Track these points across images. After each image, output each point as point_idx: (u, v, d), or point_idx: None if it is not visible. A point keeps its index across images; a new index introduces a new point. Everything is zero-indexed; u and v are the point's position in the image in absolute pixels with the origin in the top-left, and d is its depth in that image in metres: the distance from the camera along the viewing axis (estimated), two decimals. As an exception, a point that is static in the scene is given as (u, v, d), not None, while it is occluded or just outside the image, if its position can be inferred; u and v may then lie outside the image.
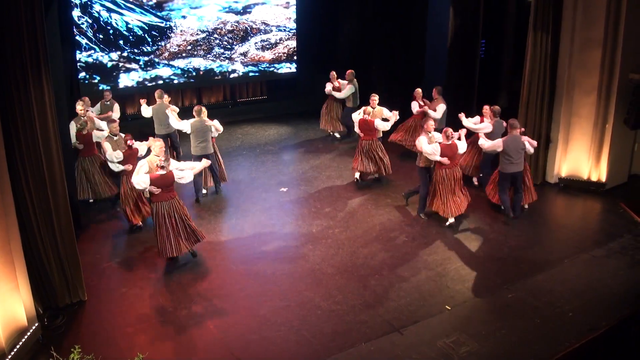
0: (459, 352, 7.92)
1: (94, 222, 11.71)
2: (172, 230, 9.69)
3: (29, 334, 7.98)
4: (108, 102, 14.34)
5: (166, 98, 13.95)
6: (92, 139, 12.18)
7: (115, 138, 11.47)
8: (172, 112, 13.15)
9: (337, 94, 16.19)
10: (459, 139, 11.46)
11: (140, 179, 9.62)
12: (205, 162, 10.64)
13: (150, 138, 11.24)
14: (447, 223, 11.49)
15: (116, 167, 11.26)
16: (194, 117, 12.46)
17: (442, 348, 8.01)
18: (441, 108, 14.22)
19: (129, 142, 11.30)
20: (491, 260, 10.39)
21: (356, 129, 13.56)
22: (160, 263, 10.22)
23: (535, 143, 11.54)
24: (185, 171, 10.05)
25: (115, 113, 14.05)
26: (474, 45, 15.54)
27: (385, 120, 13.22)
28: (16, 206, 7.90)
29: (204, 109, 12.58)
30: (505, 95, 17.18)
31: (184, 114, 14.15)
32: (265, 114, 19.06)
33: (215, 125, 12.51)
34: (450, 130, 11.24)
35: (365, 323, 8.61)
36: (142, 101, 14.17)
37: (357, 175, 13.64)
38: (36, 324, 8.19)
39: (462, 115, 12.57)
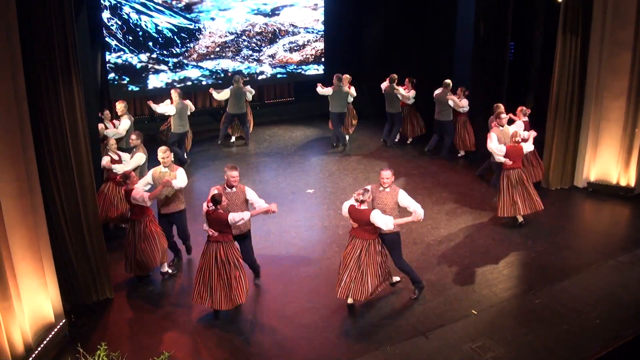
0: (485, 357, 7.87)
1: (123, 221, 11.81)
2: None
3: (56, 330, 8.09)
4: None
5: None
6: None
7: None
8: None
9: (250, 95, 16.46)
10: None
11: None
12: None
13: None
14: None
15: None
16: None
17: (468, 352, 7.96)
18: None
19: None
20: (518, 265, 10.33)
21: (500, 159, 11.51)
22: (186, 262, 10.31)
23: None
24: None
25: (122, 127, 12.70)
26: (502, 47, 15.47)
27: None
28: (45, 204, 8.01)
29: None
30: (533, 98, 17.05)
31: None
32: (292, 115, 19.11)
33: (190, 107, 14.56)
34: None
35: (391, 326, 8.59)
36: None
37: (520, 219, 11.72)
38: (63, 321, 8.29)
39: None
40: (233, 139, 16.69)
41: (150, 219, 9.52)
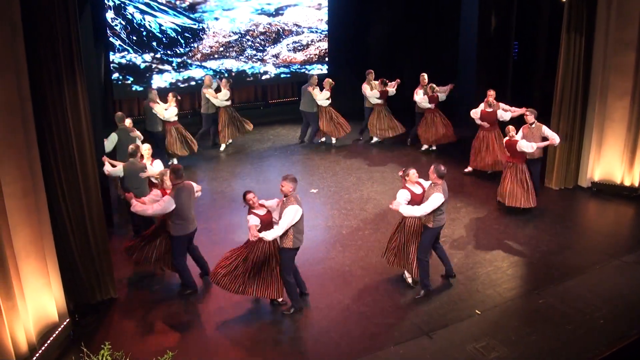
0: (489, 357, 7.85)
1: (126, 220, 11.80)
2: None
3: (59, 329, 8.09)
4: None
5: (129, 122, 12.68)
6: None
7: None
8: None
9: (216, 102, 15.77)
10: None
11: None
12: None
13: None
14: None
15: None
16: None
17: (472, 353, 7.95)
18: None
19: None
20: (522, 265, 10.31)
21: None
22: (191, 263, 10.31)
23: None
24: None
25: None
26: (506, 47, 15.46)
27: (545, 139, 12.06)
28: (49, 203, 8.01)
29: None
30: (538, 97, 17.03)
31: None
32: (296, 115, 18.99)
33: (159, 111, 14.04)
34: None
35: (394, 326, 8.58)
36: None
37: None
38: (67, 320, 8.29)
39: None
40: (230, 141, 16.58)
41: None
